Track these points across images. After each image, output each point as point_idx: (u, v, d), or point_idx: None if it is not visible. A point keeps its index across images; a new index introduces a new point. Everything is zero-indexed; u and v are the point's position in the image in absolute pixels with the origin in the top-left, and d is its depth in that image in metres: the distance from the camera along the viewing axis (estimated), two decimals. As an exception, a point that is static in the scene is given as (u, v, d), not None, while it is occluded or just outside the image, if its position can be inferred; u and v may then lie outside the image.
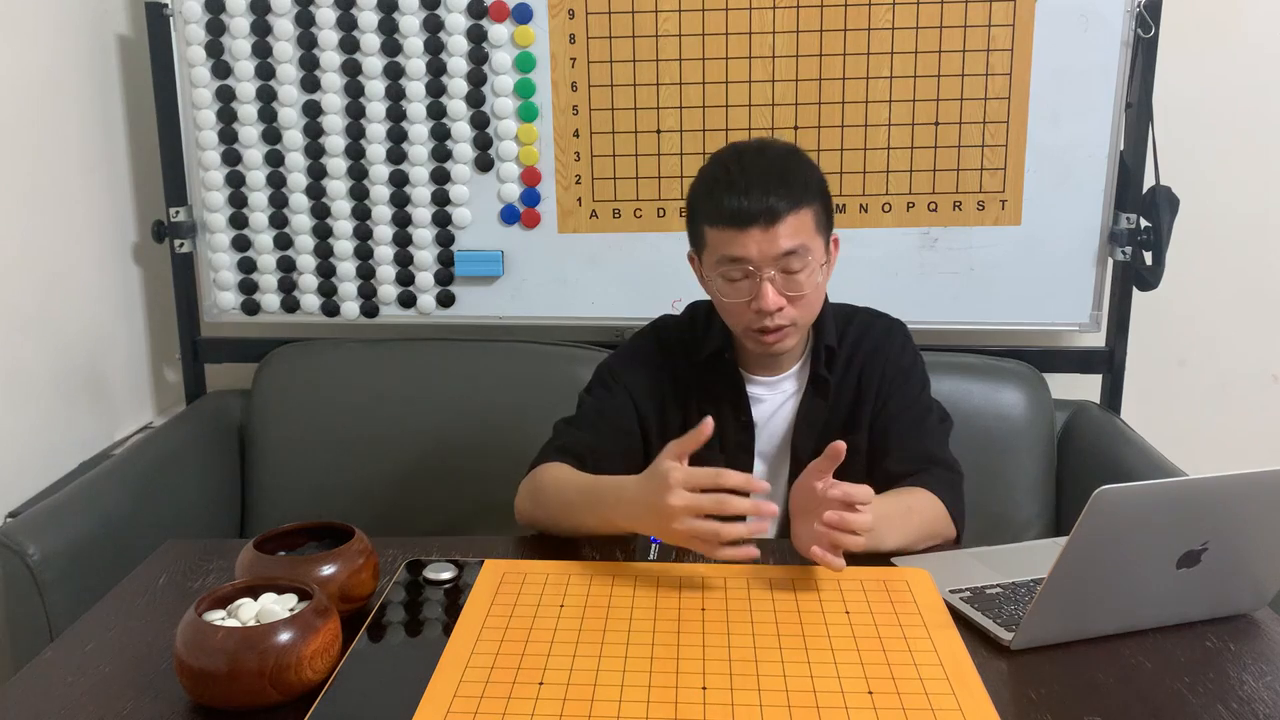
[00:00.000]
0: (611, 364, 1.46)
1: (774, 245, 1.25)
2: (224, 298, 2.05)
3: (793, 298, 1.28)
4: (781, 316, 1.29)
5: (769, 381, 1.41)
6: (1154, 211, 1.89)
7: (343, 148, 1.98)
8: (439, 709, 0.91)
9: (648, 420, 1.42)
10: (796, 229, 1.26)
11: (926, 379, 1.45)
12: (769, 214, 1.24)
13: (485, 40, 1.91)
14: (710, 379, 1.41)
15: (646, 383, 1.42)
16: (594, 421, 1.40)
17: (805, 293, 1.29)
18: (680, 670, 0.97)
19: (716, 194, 1.27)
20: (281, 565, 1.05)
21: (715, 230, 1.28)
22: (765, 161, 1.28)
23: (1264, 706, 0.93)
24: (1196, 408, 2.14)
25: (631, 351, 1.47)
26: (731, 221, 1.26)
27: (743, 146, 1.33)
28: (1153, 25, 1.83)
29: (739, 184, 1.26)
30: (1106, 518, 0.94)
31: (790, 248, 1.26)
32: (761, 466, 1.43)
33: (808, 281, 1.28)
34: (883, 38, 1.87)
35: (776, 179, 1.26)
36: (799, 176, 1.28)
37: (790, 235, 1.26)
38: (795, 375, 1.42)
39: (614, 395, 1.42)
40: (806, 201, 1.27)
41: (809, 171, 1.30)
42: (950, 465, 1.37)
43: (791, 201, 1.25)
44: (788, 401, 1.42)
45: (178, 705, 0.94)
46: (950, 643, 1.01)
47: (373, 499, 1.94)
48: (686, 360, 1.43)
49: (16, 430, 1.72)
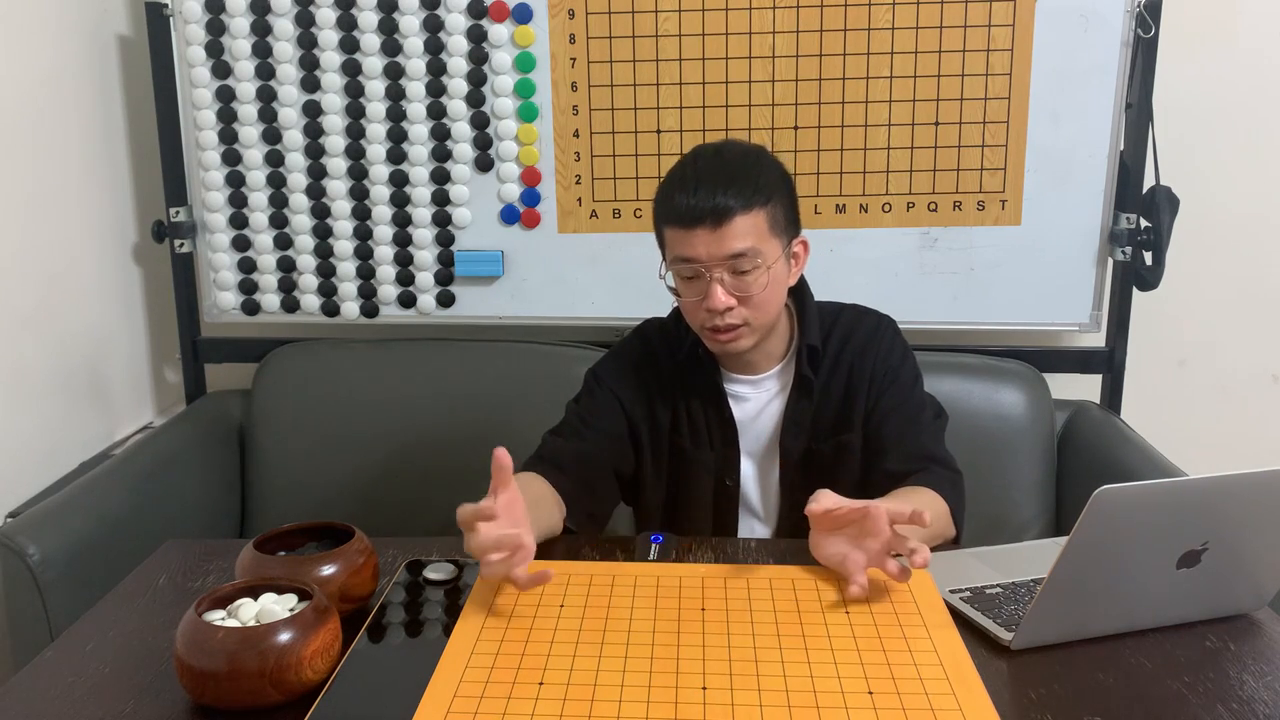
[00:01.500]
0: (597, 370, 1.46)
1: (722, 246, 1.25)
2: (224, 298, 2.05)
3: (742, 298, 1.28)
4: (732, 316, 1.29)
5: (750, 380, 1.42)
6: (1154, 211, 1.89)
7: (343, 148, 1.98)
8: (439, 709, 0.91)
9: (636, 421, 1.42)
10: (746, 230, 1.26)
11: (919, 374, 1.44)
12: (716, 214, 1.24)
13: (485, 40, 1.91)
14: (690, 376, 1.42)
15: (633, 384, 1.43)
16: (578, 429, 1.40)
17: (753, 294, 1.28)
18: (680, 670, 0.96)
19: (670, 193, 1.28)
20: (281, 565, 1.05)
21: (669, 230, 1.29)
22: (719, 162, 1.28)
23: (1264, 706, 0.93)
24: (1196, 408, 2.14)
25: (616, 355, 1.48)
26: (681, 221, 1.27)
27: (702, 148, 1.34)
28: (1153, 25, 1.83)
29: (690, 184, 1.26)
30: (1106, 518, 0.94)
31: (740, 249, 1.26)
32: (750, 465, 1.43)
33: (756, 283, 1.28)
34: (883, 38, 1.87)
35: (727, 179, 1.25)
36: (752, 177, 1.27)
37: (739, 236, 1.25)
38: (779, 375, 1.42)
39: (599, 400, 1.42)
40: (759, 203, 1.26)
41: (767, 173, 1.29)
42: (949, 463, 1.37)
43: (742, 201, 1.25)
44: (773, 401, 1.42)
45: (178, 705, 0.94)
46: (950, 643, 1.01)
47: (373, 499, 1.94)
48: (670, 359, 1.43)
49: (16, 430, 1.72)
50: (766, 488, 1.44)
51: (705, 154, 1.31)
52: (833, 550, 1.15)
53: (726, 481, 1.43)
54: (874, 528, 1.11)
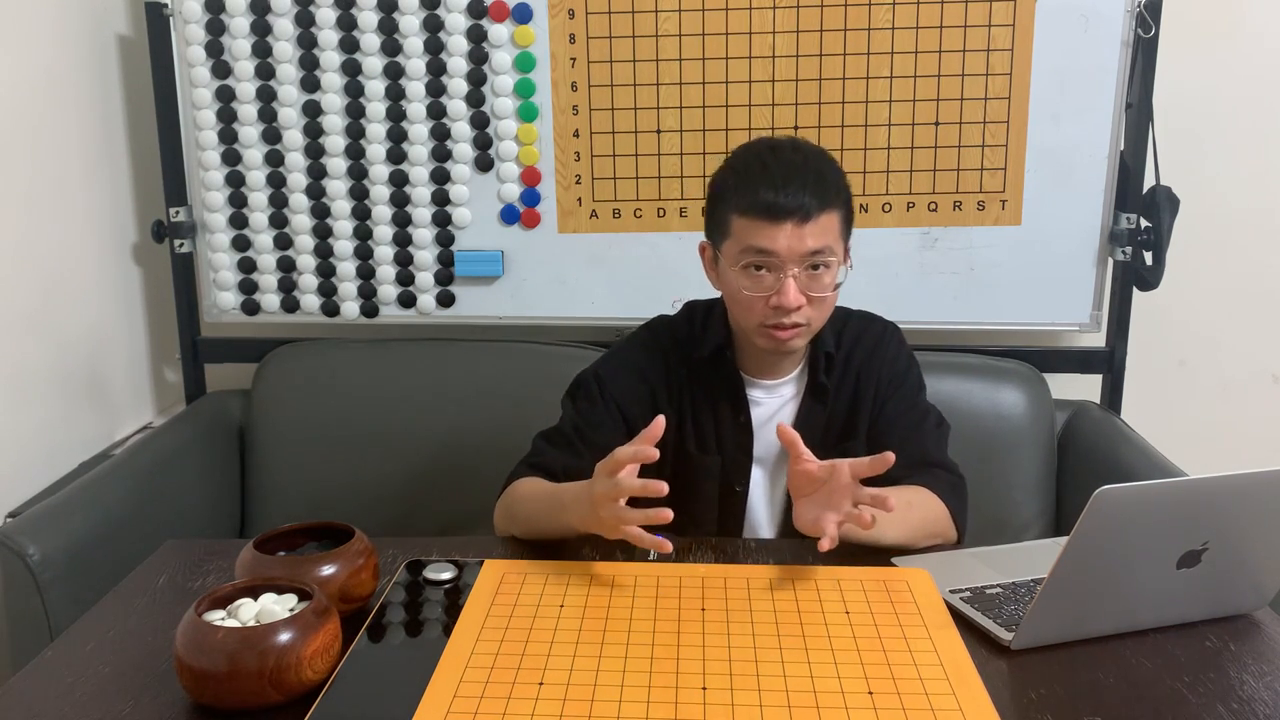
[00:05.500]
0: (599, 370, 1.43)
1: (803, 243, 1.25)
2: (224, 298, 2.05)
3: (812, 298, 1.29)
4: (799, 315, 1.29)
5: (768, 385, 1.41)
6: (1154, 211, 1.89)
7: (343, 148, 1.98)
8: (439, 709, 0.91)
9: (639, 426, 1.39)
10: (824, 230, 1.27)
11: (922, 383, 1.45)
12: (803, 211, 1.25)
13: (485, 40, 1.91)
14: (708, 379, 1.40)
15: (637, 388, 1.40)
16: (571, 440, 1.37)
17: (825, 294, 1.29)
18: (680, 670, 0.97)
19: (750, 184, 1.26)
20: (281, 565, 1.05)
21: (745, 220, 1.27)
22: (801, 158, 1.29)
23: (1264, 706, 0.93)
24: (1196, 408, 2.14)
25: (621, 357, 1.45)
26: (765, 213, 1.25)
27: (775, 142, 1.33)
28: (1153, 25, 1.83)
29: (776, 177, 1.25)
30: (1106, 518, 0.94)
31: (817, 247, 1.26)
32: (760, 471, 1.42)
33: (829, 283, 1.29)
34: (883, 38, 1.87)
35: (813, 177, 1.26)
36: (831, 179, 1.28)
37: (818, 235, 1.26)
38: (794, 380, 1.41)
39: (597, 409, 1.39)
40: (836, 205, 1.28)
41: (839, 177, 1.31)
42: (951, 468, 1.37)
43: (823, 202, 1.26)
44: (786, 406, 1.41)
45: (178, 705, 0.94)
46: (950, 643, 1.01)
47: (373, 499, 1.94)
48: (683, 360, 1.42)
49: (17, 430, 1.72)
50: (775, 494, 1.43)
51: (783, 149, 1.30)
52: (809, 516, 1.17)
53: (736, 487, 1.41)
54: (837, 481, 1.15)
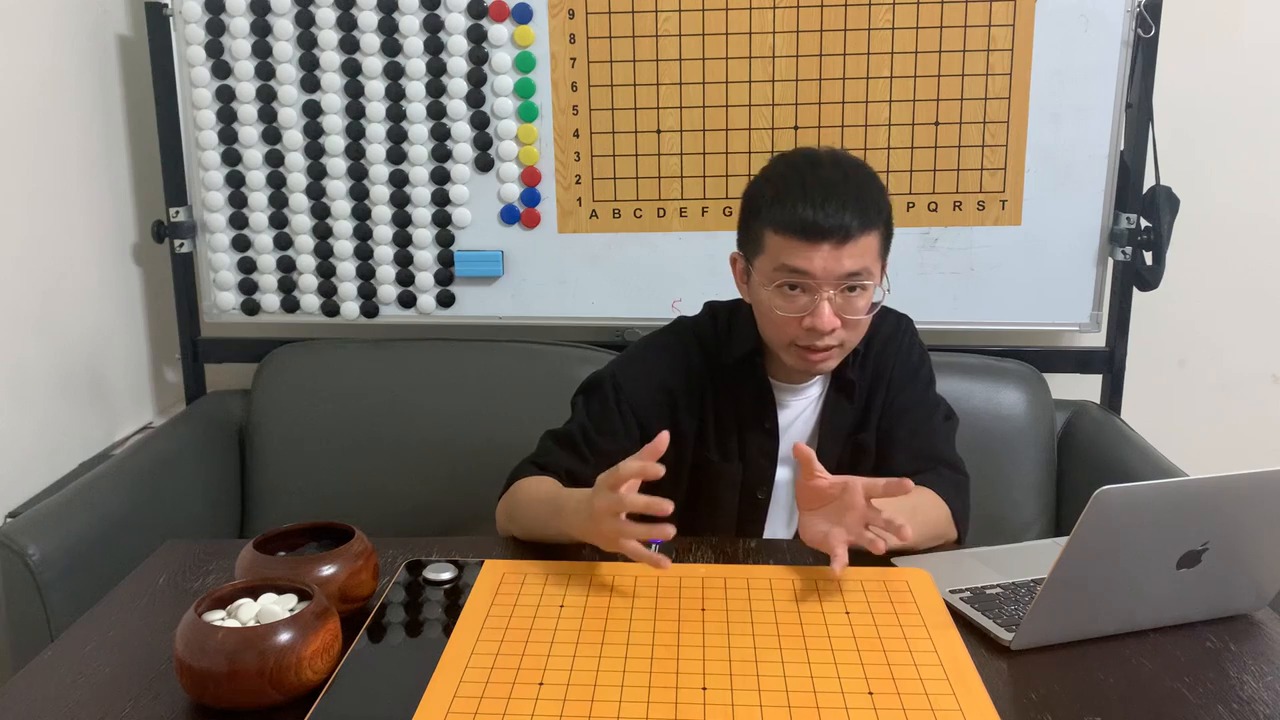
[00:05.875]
0: (617, 374, 1.38)
1: (840, 265, 1.20)
2: (224, 298, 2.05)
3: (847, 320, 1.24)
4: (832, 337, 1.24)
5: (798, 388, 1.38)
6: (1154, 211, 1.89)
7: (343, 148, 1.98)
8: (439, 709, 0.91)
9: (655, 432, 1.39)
10: (863, 251, 1.21)
11: (933, 376, 1.44)
12: (842, 232, 1.19)
13: (485, 40, 1.91)
14: (734, 385, 1.37)
15: (658, 397, 1.36)
16: (578, 444, 1.34)
17: (861, 317, 1.25)
18: (680, 670, 0.96)
19: (789, 200, 1.21)
20: (281, 565, 1.05)
21: (780, 237, 1.22)
22: (841, 175, 1.23)
23: (1264, 706, 0.93)
24: (1196, 408, 2.14)
25: (641, 361, 1.40)
26: (802, 233, 1.20)
27: (815, 154, 1.27)
28: (1153, 25, 1.83)
29: (815, 195, 1.20)
30: (1106, 518, 0.94)
31: (855, 269, 1.21)
32: (785, 472, 1.40)
33: (865, 306, 1.24)
34: (883, 38, 1.87)
35: (854, 197, 1.21)
36: (873, 198, 1.23)
37: (857, 257, 1.21)
38: (820, 379, 1.39)
39: (610, 415, 1.35)
40: (876, 225, 1.23)
41: (881, 194, 1.25)
42: (957, 466, 1.36)
43: (864, 222, 1.20)
44: (810, 405, 1.39)
45: (178, 705, 0.94)
46: (950, 643, 1.01)
47: (373, 499, 1.94)
48: (706, 364, 1.38)
49: (17, 430, 1.72)
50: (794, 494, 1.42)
51: (824, 163, 1.24)
52: (816, 530, 1.15)
53: (758, 495, 1.39)
54: (850, 500, 1.12)
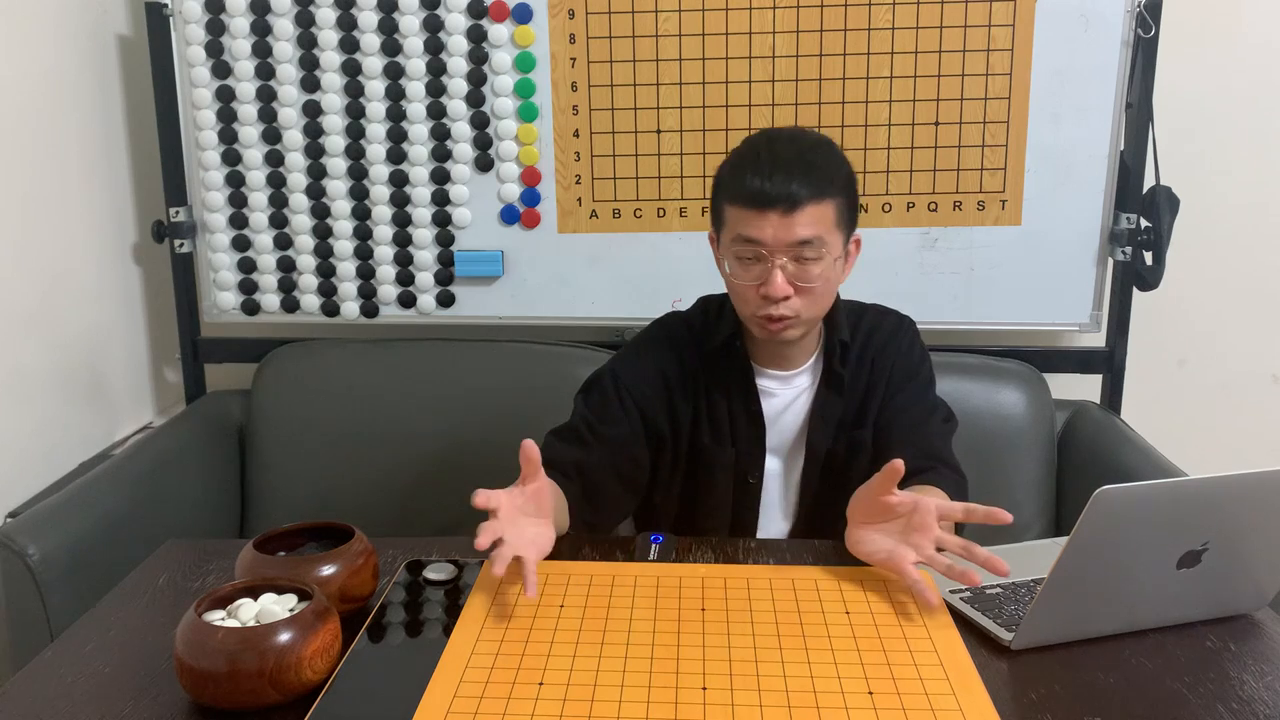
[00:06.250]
0: (614, 367, 1.43)
1: (790, 232, 1.24)
2: (224, 298, 2.05)
3: (801, 289, 1.27)
4: (786, 307, 1.27)
5: (782, 376, 1.40)
6: (1154, 211, 1.89)
7: (343, 148, 1.98)
8: (439, 709, 0.91)
9: (658, 424, 1.40)
10: (815, 219, 1.25)
11: (933, 377, 1.45)
12: (789, 199, 1.23)
13: (485, 40, 1.91)
14: (719, 369, 1.40)
15: (655, 383, 1.40)
16: (582, 435, 1.37)
17: (814, 285, 1.28)
18: (680, 670, 0.96)
19: (741, 173, 1.26)
20: (281, 565, 1.05)
21: (735, 209, 1.27)
22: (795, 148, 1.27)
23: (1264, 707, 0.93)
24: (1196, 408, 2.14)
25: (635, 352, 1.45)
26: (751, 202, 1.25)
27: (776, 132, 1.33)
28: (1153, 25, 1.83)
29: (765, 166, 1.25)
30: (1106, 518, 0.94)
31: (806, 237, 1.25)
32: (775, 461, 1.42)
33: (819, 275, 1.27)
34: (883, 38, 1.87)
35: (802, 166, 1.25)
36: (826, 168, 1.27)
37: (808, 225, 1.25)
38: (809, 370, 1.41)
39: (611, 404, 1.39)
40: (830, 194, 1.26)
41: (837, 166, 1.29)
42: (955, 466, 1.36)
43: (814, 191, 1.24)
44: (801, 396, 1.41)
45: (178, 705, 0.94)
46: (950, 643, 1.01)
47: (373, 499, 1.94)
48: (696, 351, 1.41)
49: (16, 430, 1.72)
50: (789, 484, 1.43)
51: (780, 138, 1.30)
52: (876, 546, 1.14)
53: (749, 479, 1.42)
54: (921, 522, 1.11)
